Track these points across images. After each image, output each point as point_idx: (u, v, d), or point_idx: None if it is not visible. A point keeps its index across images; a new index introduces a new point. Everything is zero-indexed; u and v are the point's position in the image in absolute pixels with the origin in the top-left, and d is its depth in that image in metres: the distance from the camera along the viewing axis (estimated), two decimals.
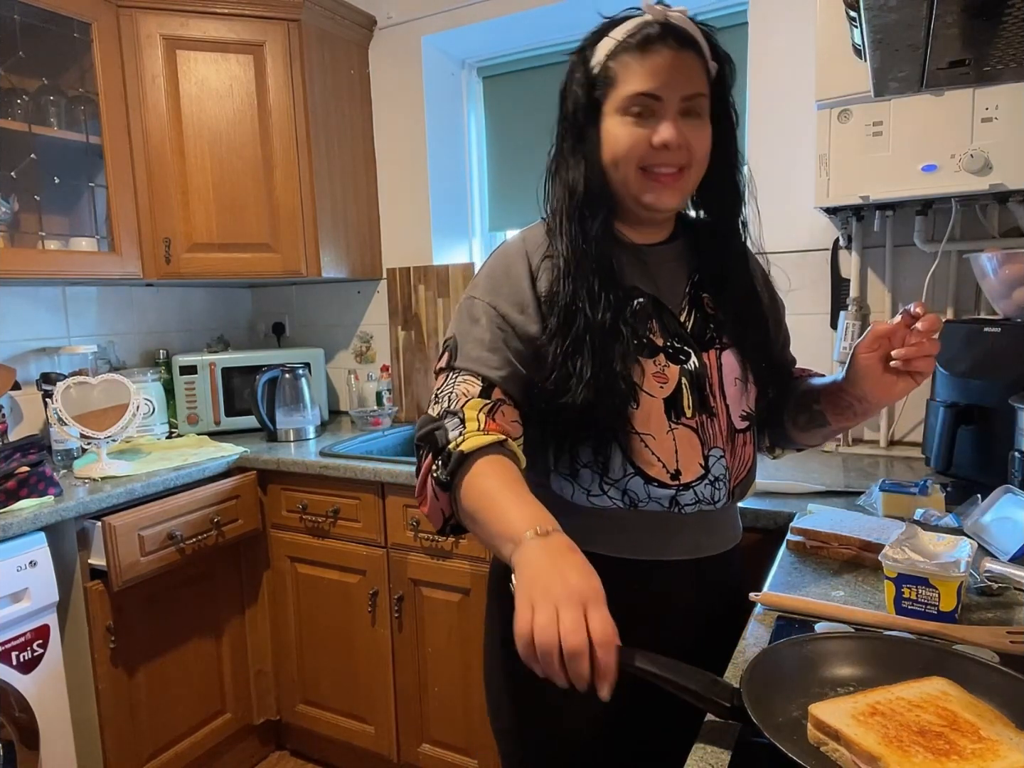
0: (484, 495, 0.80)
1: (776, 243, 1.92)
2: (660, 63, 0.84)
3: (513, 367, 0.89)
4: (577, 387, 0.86)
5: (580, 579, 0.66)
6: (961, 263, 1.69)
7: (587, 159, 0.90)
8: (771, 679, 0.66)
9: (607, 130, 0.89)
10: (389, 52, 2.42)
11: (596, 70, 0.88)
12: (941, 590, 0.83)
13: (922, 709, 0.60)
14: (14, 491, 1.56)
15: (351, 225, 2.38)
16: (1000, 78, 0.84)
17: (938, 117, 1.44)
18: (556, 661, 0.63)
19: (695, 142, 0.87)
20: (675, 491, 0.91)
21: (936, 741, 0.56)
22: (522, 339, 0.90)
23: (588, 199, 0.90)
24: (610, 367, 0.86)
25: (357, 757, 2.03)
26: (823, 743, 0.59)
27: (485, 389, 0.87)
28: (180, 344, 2.54)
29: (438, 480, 0.84)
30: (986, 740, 0.56)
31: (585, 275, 0.88)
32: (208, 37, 2.06)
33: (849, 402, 0.94)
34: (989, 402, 1.34)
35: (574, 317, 0.87)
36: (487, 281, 0.94)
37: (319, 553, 1.97)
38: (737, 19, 2.01)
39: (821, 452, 1.81)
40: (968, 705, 0.61)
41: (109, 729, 1.70)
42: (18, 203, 1.93)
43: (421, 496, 0.89)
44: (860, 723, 0.58)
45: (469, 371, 0.89)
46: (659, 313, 0.93)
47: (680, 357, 0.92)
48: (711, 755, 0.63)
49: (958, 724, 0.58)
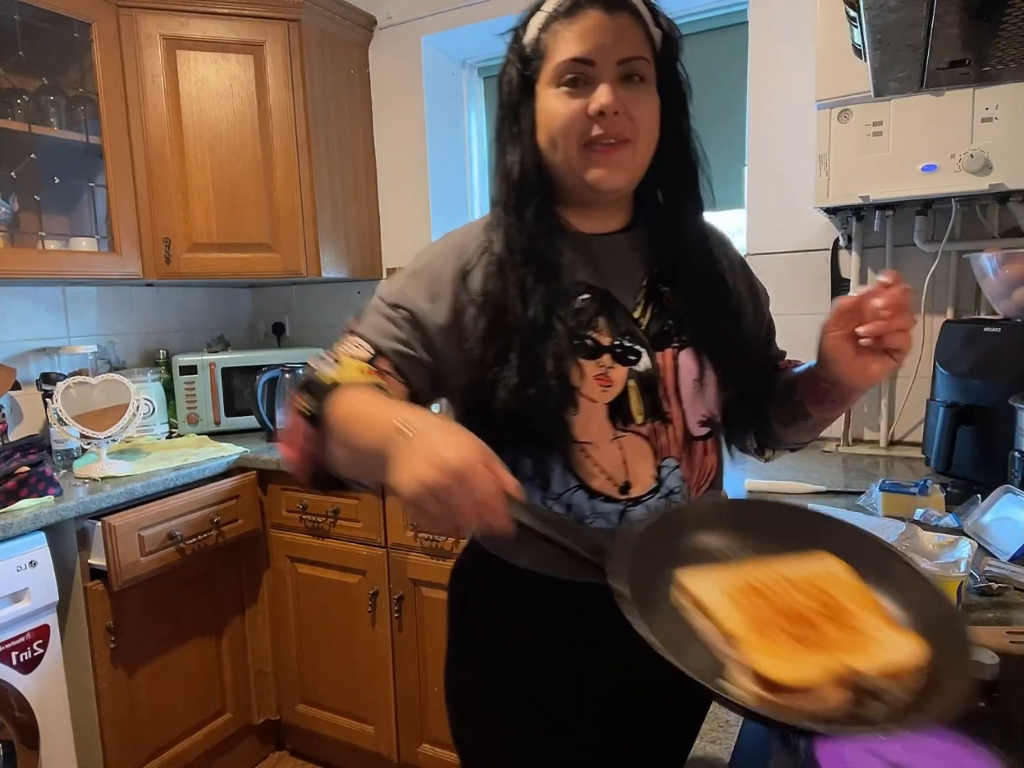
0: (351, 416, 0.72)
1: (776, 243, 1.93)
2: (590, 26, 0.78)
3: (409, 347, 0.82)
4: (504, 392, 0.79)
5: (452, 455, 0.57)
6: (961, 263, 1.69)
7: (522, 142, 0.84)
8: (652, 543, 0.62)
9: (542, 106, 0.82)
10: (389, 52, 2.42)
11: (528, 46, 0.82)
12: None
13: (802, 591, 0.57)
14: (14, 491, 1.56)
15: (351, 225, 2.38)
16: (1000, 78, 0.84)
17: (938, 117, 1.44)
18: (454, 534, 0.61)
19: (636, 109, 0.79)
20: (623, 506, 0.82)
21: (804, 628, 0.53)
22: (426, 327, 0.82)
23: (522, 185, 0.83)
24: (540, 369, 0.78)
25: (357, 757, 2.03)
26: (688, 611, 0.56)
27: (373, 358, 0.81)
28: (180, 344, 2.54)
29: (306, 414, 0.76)
30: (857, 632, 0.52)
31: (518, 269, 0.81)
32: (208, 37, 2.06)
33: (826, 389, 0.84)
34: (989, 402, 1.34)
35: (503, 317, 0.81)
36: (409, 267, 0.88)
37: (319, 553, 1.97)
38: (737, 19, 2.01)
39: (821, 452, 1.81)
40: (852, 592, 0.57)
41: (109, 729, 1.70)
42: (18, 203, 1.93)
43: (286, 439, 0.80)
44: (729, 598, 0.55)
45: (363, 337, 0.83)
46: (609, 309, 0.84)
47: (629, 357, 0.83)
48: (711, 755, 0.63)
49: (834, 612, 0.54)
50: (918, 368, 1.76)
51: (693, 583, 0.57)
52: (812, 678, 0.48)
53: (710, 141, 0.94)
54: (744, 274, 0.97)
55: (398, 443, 0.61)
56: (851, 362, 0.77)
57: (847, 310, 0.77)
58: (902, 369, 1.80)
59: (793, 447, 1.04)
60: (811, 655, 0.50)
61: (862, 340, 0.75)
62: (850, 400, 0.86)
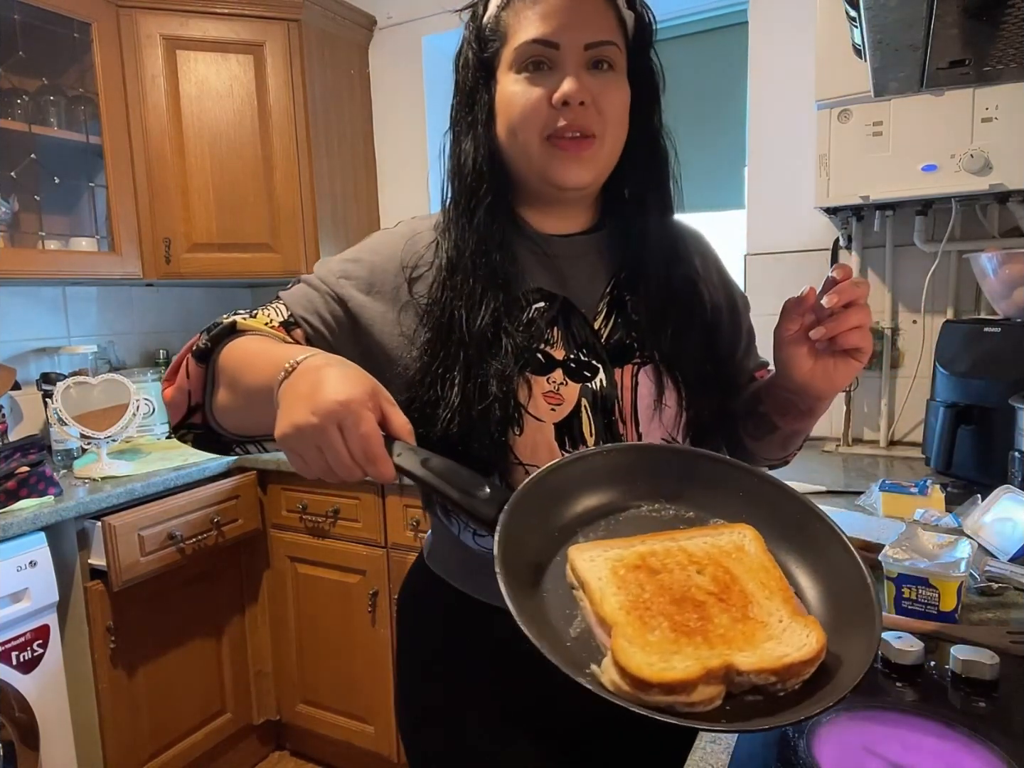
0: (242, 357, 0.67)
1: (776, 243, 1.93)
2: (555, 5, 0.70)
3: (330, 330, 0.76)
4: (444, 413, 0.71)
5: (330, 396, 0.53)
6: (961, 263, 1.69)
7: (475, 132, 0.76)
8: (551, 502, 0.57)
9: (500, 92, 0.74)
10: (389, 52, 2.42)
11: (487, 25, 0.75)
12: (941, 590, 0.83)
13: (699, 567, 0.53)
14: (14, 491, 1.56)
15: (351, 225, 2.38)
16: (1000, 78, 0.83)
17: (938, 117, 1.44)
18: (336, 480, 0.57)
19: (604, 100, 0.71)
20: None
21: (689, 614, 0.49)
22: (356, 319, 0.77)
23: (475, 180, 0.75)
24: (484, 391, 0.71)
25: (357, 757, 2.03)
26: (576, 588, 0.52)
27: (287, 324, 0.75)
28: (180, 344, 2.52)
29: (196, 350, 0.71)
30: (748, 621, 0.49)
31: (467, 276, 0.74)
32: (208, 37, 2.06)
33: (789, 399, 0.76)
34: (989, 402, 1.34)
35: (448, 331, 0.73)
36: (353, 251, 0.81)
37: (319, 553, 1.97)
38: (737, 19, 2.01)
39: (821, 452, 1.81)
40: (757, 571, 0.53)
41: (109, 729, 1.70)
42: (18, 203, 1.93)
43: (170, 378, 0.75)
44: (616, 578, 0.51)
45: (284, 303, 0.78)
46: (567, 319, 0.77)
47: (584, 373, 0.75)
48: (711, 755, 0.63)
49: (729, 594, 0.51)
50: (918, 368, 1.76)
51: (581, 559, 0.53)
52: (680, 675, 0.44)
53: (710, 141, 0.93)
54: (721, 279, 0.89)
55: (281, 383, 0.58)
56: (810, 368, 0.70)
57: (793, 311, 0.69)
58: (902, 369, 1.81)
59: (770, 464, 0.93)
60: (688, 647, 0.47)
61: (817, 344, 0.68)
62: (818, 409, 0.77)
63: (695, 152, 2.10)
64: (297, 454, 0.56)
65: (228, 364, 0.69)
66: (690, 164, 0.85)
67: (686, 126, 2.20)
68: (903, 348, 1.81)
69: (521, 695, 0.80)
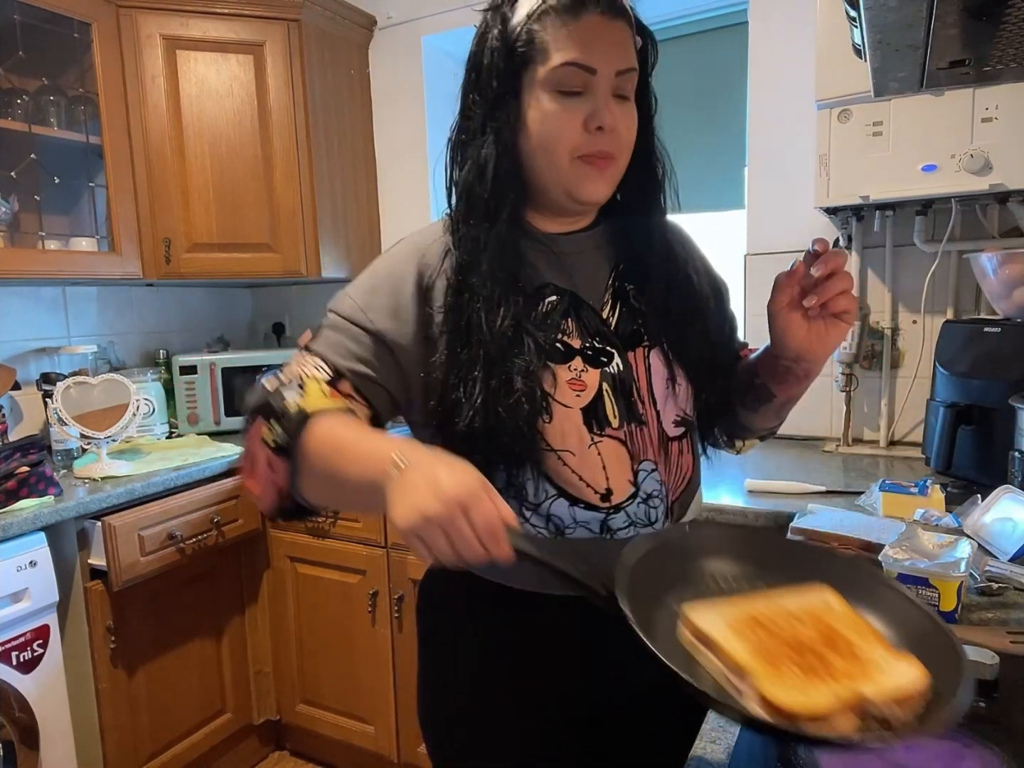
0: (336, 450, 0.69)
1: (776, 243, 1.93)
2: (594, 29, 0.74)
3: (370, 367, 0.79)
4: (469, 410, 0.74)
5: (452, 486, 0.58)
6: (961, 263, 1.69)
7: (500, 138, 0.78)
8: (653, 567, 0.62)
9: (532, 106, 0.77)
10: (389, 52, 2.42)
11: (517, 33, 0.76)
12: (941, 590, 0.83)
13: (802, 622, 0.57)
14: (14, 491, 1.56)
15: (351, 225, 2.38)
16: (1000, 78, 0.83)
17: (938, 117, 1.44)
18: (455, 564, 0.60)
19: (623, 126, 0.78)
20: (605, 514, 0.79)
21: (809, 658, 0.54)
22: (391, 347, 0.79)
23: (496, 188, 0.78)
24: (509, 386, 0.74)
25: (357, 757, 2.03)
26: (695, 647, 0.57)
27: (332, 380, 0.77)
28: (180, 344, 2.54)
29: (274, 445, 0.72)
30: (859, 660, 0.54)
31: (484, 279, 0.77)
32: (208, 37, 2.06)
33: (787, 366, 0.83)
34: (989, 402, 1.34)
35: (468, 333, 0.77)
36: (368, 279, 0.83)
37: (319, 553, 1.97)
38: (737, 19, 2.01)
39: (821, 452, 1.81)
40: (849, 622, 0.58)
41: (109, 729, 1.70)
42: (18, 203, 1.93)
43: (248, 470, 0.76)
44: (735, 632, 0.56)
45: (322, 356, 0.79)
46: (577, 310, 0.82)
47: (601, 359, 0.81)
48: (711, 755, 0.63)
49: (835, 641, 0.55)
50: (918, 368, 1.76)
51: (698, 617, 0.58)
52: (823, 706, 0.49)
53: (710, 141, 0.94)
54: (706, 270, 0.96)
55: (393, 476, 0.61)
56: (805, 335, 0.77)
57: (784, 285, 0.77)
58: (902, 369, 1.81)
59: (762, 434, 1.00)
60: (820, 684, 0.51)
61: (809, 311, 0.76)
62: (812, 372, 0.84)
63: (695, 152, 2.10)
64: (423, 541, 0.59)
65: (318, 458, 0.71)
66: (690, 164, 0.90)
67: (686, 126, 2.21)
68: (903, 348, 1.81)
69: (544, 679, 0.84)
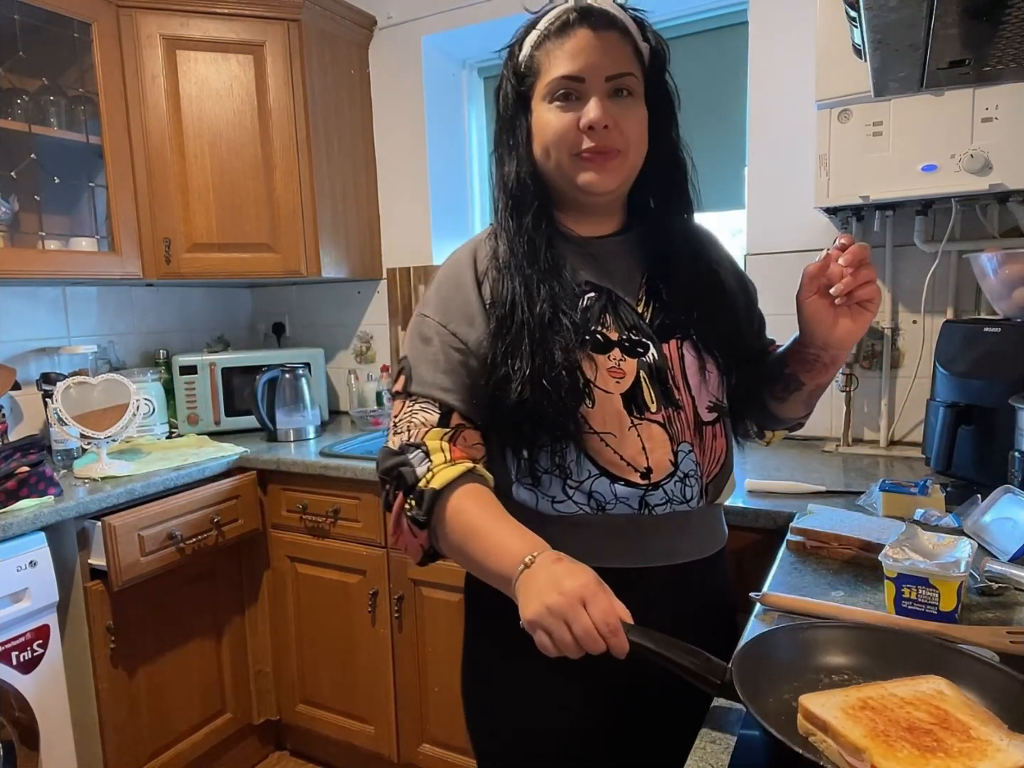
0: (468, 533, 0.81)
1: (776, 243, 1.93)
2: (580, 44, 0.84)
3: (469, 388, 0.88)
4: (515, 385, 0.84)
5: (572, 582, 0.69)
6: (961, 263, 1.69)
7: (518, 153, 0.90)
8: (764, 662, 0.67)
9: (536, 119, 0.88)
10: (389, 52, 2.42)
11: (523, 63, 0.89)
12: (941, 590, 0.83)
13: (914, 707, 0.59)
14: (14, 491, 1.56)
15: (351, 225, 2.38)
16: (1000, 78, 0.84)
17: (938, 117, 1.44)
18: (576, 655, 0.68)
19: (625, 122, 0.85)
20: (644, 491, 0.87)
21: (924, 738, 0.55)
22: (477, 356, 0.88)
23: (520, 192, 0.89)
24: (551, 360, 0.84)
25: (357, 757, 2.03)
26: (811, 733, 0.59)
27: (444, 416, 0.86)
28: (180, 344, 2.54)
29: (414, 520, 0.84)
30: (975, 740, 0.55)
31: (522, 270, 0.87)
32: (208, 37, 2.06)
33: (815, 354, 0.90)
34: (989, 402, 1.34)
35: (512, 316, 0.86)
36: (436, 295, 0.92)
37: (319, 553, 1.97)
38: (737, 19, 2.01)
39: (821, 452, 1.81)
40: (962, 705, 0.60)
41: (109, 729, 1.70)
42: (18, 203, 1.93)
43: (397, 533, 0.88)
44: (849, 716, 0.58)
45: (425, 397, 0.87)
46: (615, 307, 0.91)
47: (638, 350, 0.89)
48: (711, 755, 0.63)
49: (949, 723, 0.57)
50: (918, 368, 1.76)
51: (812, 703, 0.61)
52: None
53: (710, 141, 0.96)
54: (734, 270, 1.04)
55: (522, 574, 0.73)
56: (832, 323, 0.84)
57: (814, 275, 0.85)
58: (902, 369, 1.81)
59: (791, 425, 1.07)
60: (935, 761, 0.52)
61: (836, 300, 0.83)
62: (839, 359, 0.91)
63: (695, 152, 2.10)
64: (547, 631, 0.69)
65: (453, 536, 0.83)
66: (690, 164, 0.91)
67: (686, 126, 2.20)
68: (903, 348, 1.81)
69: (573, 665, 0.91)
